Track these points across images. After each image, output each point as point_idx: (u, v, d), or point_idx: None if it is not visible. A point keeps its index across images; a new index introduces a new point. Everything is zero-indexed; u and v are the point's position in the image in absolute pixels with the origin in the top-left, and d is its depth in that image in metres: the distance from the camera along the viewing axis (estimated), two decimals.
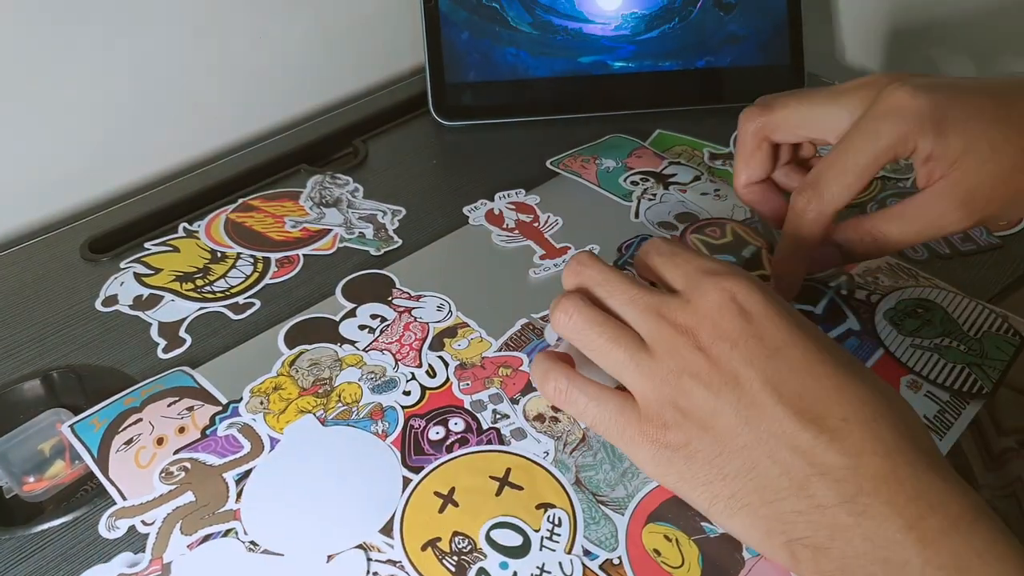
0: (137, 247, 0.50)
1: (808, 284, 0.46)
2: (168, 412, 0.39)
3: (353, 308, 0.44)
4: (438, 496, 0.35)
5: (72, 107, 0.54)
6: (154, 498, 0.35)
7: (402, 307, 0.44)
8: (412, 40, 0.68)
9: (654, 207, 0.52)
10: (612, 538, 0.33)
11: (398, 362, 0.41)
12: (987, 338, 0.42)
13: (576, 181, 0.55)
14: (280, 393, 0.39)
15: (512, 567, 0.32)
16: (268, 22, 0.61)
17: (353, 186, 0.55)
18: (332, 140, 0.60)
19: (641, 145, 0.59)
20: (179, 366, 0.42)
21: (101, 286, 0.47)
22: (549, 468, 0.36)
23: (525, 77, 0.61)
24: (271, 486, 0.36)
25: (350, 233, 0.51)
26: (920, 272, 0.47)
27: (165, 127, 0.59)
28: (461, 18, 0.60)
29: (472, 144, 0.60)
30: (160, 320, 0.45)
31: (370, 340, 0.42)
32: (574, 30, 0.61)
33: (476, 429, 0.38)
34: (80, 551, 0.34)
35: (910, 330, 0.43)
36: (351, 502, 0.35)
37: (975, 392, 0.40)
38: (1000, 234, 0.50)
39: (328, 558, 0.33)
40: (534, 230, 0.50)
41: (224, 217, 0.52)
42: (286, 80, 0.64)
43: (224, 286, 0.47)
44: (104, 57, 0.54)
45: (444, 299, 0.45)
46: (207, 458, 0.37)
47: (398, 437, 0.38)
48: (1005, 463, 0.48)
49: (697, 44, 0.62)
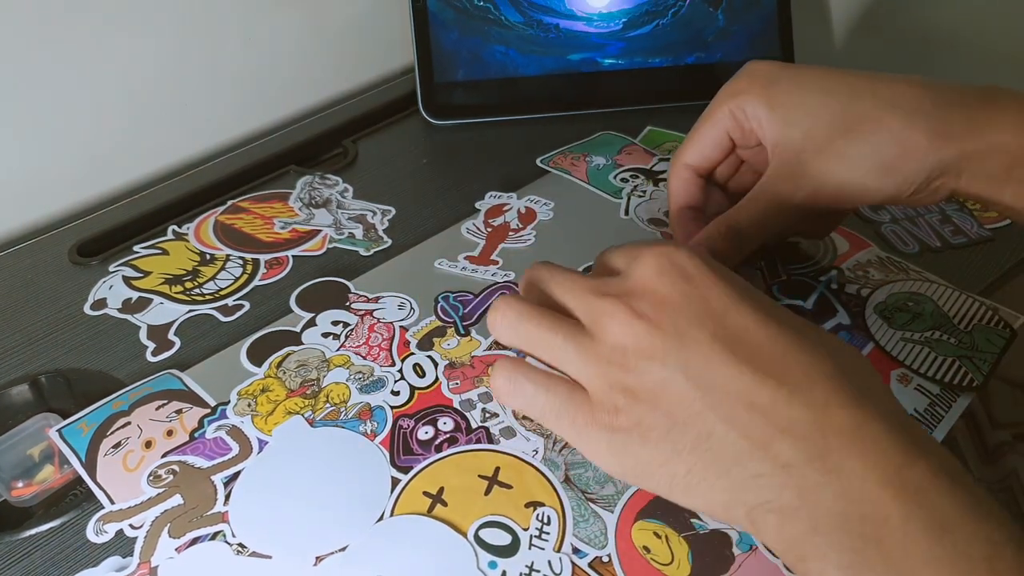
0: (126, 250, 0.50)
1: (798, 278, 0.46)
2: (156, 415, 0.39)
3: (312, 317, 0.44)
4: (427, 496, 0.35)
5: (60, 110, 0.54)
6: (142, 501, 0.35)
7: (362, 310, 0.44)
8: (401, 40, 0.68)
9: (644, 204, 0.52)
10: (601, 536, 0.33)
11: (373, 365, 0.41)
12: (978, 331, 0.42)
13: (566, 179, 0.55)
14: (268, 395, 0.39)
15: (501, 566, 0.32)
16: (257, 23, 0.61)
17: (343, 186, 0.55)
18: (321, 141, 0.60)
19: (631, 142, 0.59)
20: (168, 369, 0.42)
21: (90, 290, 0.47)
22: (538, 466, 0.36)
23: (515, 75, 0.61)
24: (259, 488, 0.35)
25: (340, 234, 0.51)
26: (910, 266, 0.47)
27: (153, 129, 0.59)
28: (449, 17, 0.60)
29: (462, 143, 0.60)
30: (149, 323, 0.45)
31: (336, 347, 0.42)
32: (563, 27, 0.61)
33: (465, 428, 0.38)
34: (68, 556, 0.34)
35: (900, 324, 0.43)
36: (340, 503, 0.35)
37: (966, 385, 0.40)
38: (991, 227, 0.50)
39: (316, 560, 0.33)
40: (499, 235, 0.50)
41: (213, 219, 0.52)
42: (275, 81, 0.63)
43: (213, 288, 0.47)
44: (92, 59, 0.54)
45: (405, 298, 0.45)
46: (195, 461, 0.36)
47: (387, 437, 0.37)
48: (1000, 457, 0.48)
49: (687, 40, 0.62)
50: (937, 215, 0.51)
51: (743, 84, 0.41)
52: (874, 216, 0.51)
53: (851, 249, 0.48)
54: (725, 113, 0.41)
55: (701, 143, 0.43)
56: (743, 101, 0.41)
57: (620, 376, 0.29)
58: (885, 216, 0.51)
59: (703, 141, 0.43)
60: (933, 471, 0.25)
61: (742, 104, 0.41)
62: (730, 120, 0.41)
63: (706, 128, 0.42)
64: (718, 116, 0.42)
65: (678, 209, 0.44)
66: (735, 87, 0.41)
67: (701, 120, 0.43)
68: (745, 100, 0.40)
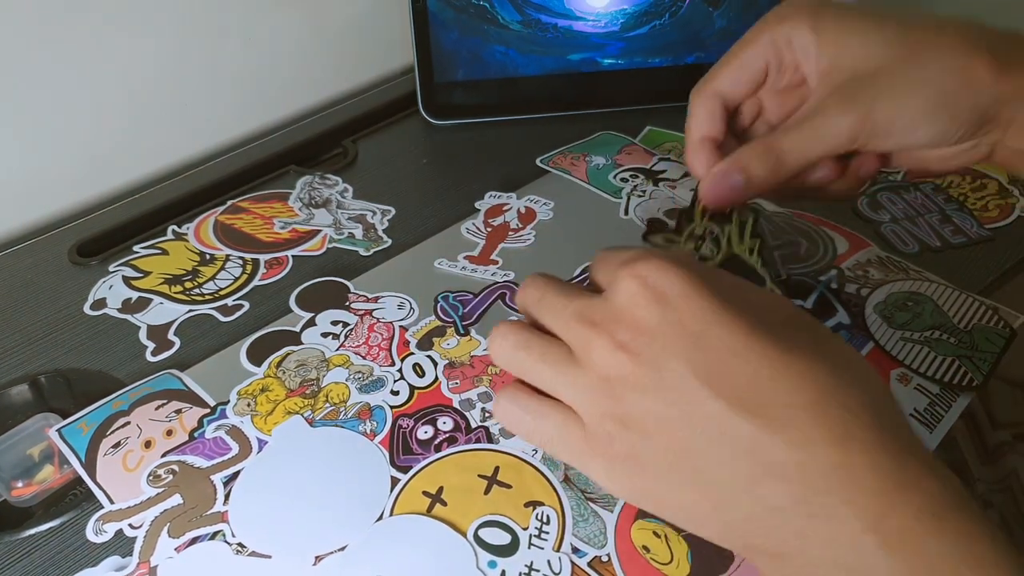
0: (126, 250, 0.50)
1: (798, 278, 0.46)
2: (156, 415, 0.39)
3: (312, 317, 0.44)
4: (426, 495, 0.35)
5: (60, 110, 0.54)
6: (142, 501, 0.35)
7: (361, 310, 0.44)
8: (401, 40, 0.68)
9: (643, 203, 0.52)
10: (601, 535, 0.33)
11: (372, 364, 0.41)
12: (977, 330, 0.42)
13: (566, 178, 0.55)
14: (267, 395, 0.39)
15: (500, 566, 0.32)
16: (257, 23, 0.61)
17: (343, 186, 0.55)
18: (321, 141, 0.60)
19: (631, 142, 0.59)
20: (168, 369, 0.42)
21: (90, 290, 0.47)
22: (538, 466, 0.36)
23: (514, 75, 0.61)
24: (259, 488, 0.35)
25: (339, 234, 0.51)
26: (910, 265, 0.47)
27: (154, 129, 0.59)
28: (449, 17, 0.60)
29: (462, 143, 0.60)
30: (149, 323, 0.45)
31: (336, 346, 0.42)
32: (563, 27, 0.61)
33: (465, 428, 0.38)
34: (68, 555, 0.34)
35: (900, 323, 0.43)
36: (339, 503, 0.35)
37: (965, 384, 0.40)
38: (990, 226, 0.50)
39: (316, 559, 0.33)
40: (499, 234, 0.50)
41: (213, 219, 0.52)
42: (275, 81, 0.64)
43: (213, 288, 0.47)
44: (92, 59, 0.54)
45: (404, 298, 0.45)
46: (195, 460, 0.37)
47: (386, 437, 0.37)
48: (1000, 457, 0.48)
49: (686, 40, 0.62)
50: (937, 215, 0.51)
51: (788, 11, 0.37)
52: (874, 216, 0.51)
53: (851, 249, 0.48)
54: (766, 40, 0.38)
55: (738, 70, 0.39)
56: (789, 28, 0.37)
57: (610, 405, 0.28)
58: (885, 216, 0.51)
59: (741, 67, 0.39)
60: (917, 513, 0.24)
61: (788, 32, 0.37)
62: (771, 48, 0.38)
63: (746, 54, 0.39)
64: (760, 43, 0.38)
65: (699, 139, 0.40)
66: (780, 13, 0.38)
67: (739, 46, 0.39)
68: (792, 27, 0.37)
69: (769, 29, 0.38)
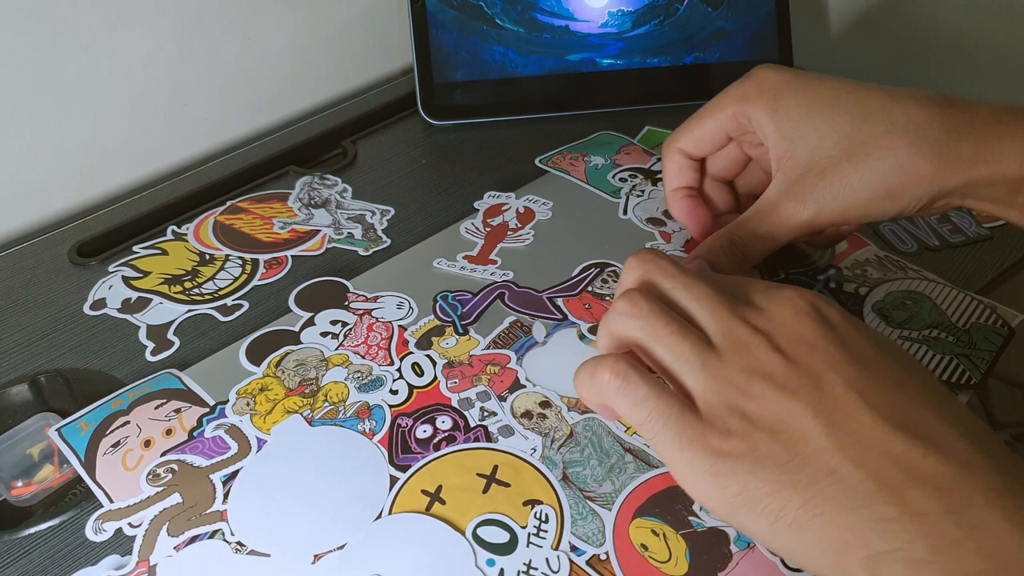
0: (125, 250, 0.50)
1: (796, 277, 0.46)
2: (155, 414, 0.39)
3: (311, 316, 0.44)
4: (425, 494, 0.35)
5: (59, 110, 0.54)
6: (141, 500, 0.35)
7: (360, 309, 0.44)
8: (400, 40, 0.68)
9: (642, 203, 0.52)
10: (599, 534, 0.33)
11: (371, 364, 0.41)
12: (976, 329, 0.42)
13: (565, 178, 0.55)
14: (267, 394, 0.39)
15: (499, 564, 0.32)
16: (256, 23, 0.61)
17: (342, 187, 0.55)
18: (321, 141, 0.60)
19: (630, 142, 0.59)
20: (167, 368, 0.42)
21: (89, 290, 0.47)
22: (536, 465, 0.36)
23: (513, 76, 0.61)
24: (258, 487, 0.35)
25: (339, 234, 0.51)
26: (909, 264, 0.47)
27: (153, 130, 0.59)
28: (448, 17, 0.60)
29: (461, 143, 0.60)
30: (148, 323, 0.45)
31: (335, 346, 0.42)
32: (562, 28, 0.61)
33: (464, 427, 0.38)
34: (67, 554, 0.34)
35: (899, 322, 0.43)
36: (338, 502, 0.35)
37: (964, 383, 0.40)
38: (989, 225, 0.50)
39: (315, 558, 0.33)
40: (498, 234, 0.50)
41: (212, 219, 0.52)
42: (274, 81, 0.64)
43: (213, 288, 0.47)
44: (91, 59, 0.54)
45: (403, 297, 0.45)
46: (194, 460, 0.37)
47: (385, 436, 0.37)
48: None
49: (685, 40, 0.62)
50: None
51: (752, 90, 0.40)
52: None
53: (849, 248, 0.48)
54: (728, 115, 0.41)
55: (699, 134, 0.43)
56: (749, 109, 0.40)
57: (740, 400, 0.28)
58: None
59: (701, 133, 0.43)
60: None
61: (747, 112, 0.40)
62: (732, 122, 0.42)
63: (708, 122, 0.42)
64: (721, 116, 0.42)
65: (672, 191, 0.45)
66: (743, 92, 0.41)
67: (703, 113, 0.43)
68: (751, 108, 0.40)
69: (732, 106, 0.41)
